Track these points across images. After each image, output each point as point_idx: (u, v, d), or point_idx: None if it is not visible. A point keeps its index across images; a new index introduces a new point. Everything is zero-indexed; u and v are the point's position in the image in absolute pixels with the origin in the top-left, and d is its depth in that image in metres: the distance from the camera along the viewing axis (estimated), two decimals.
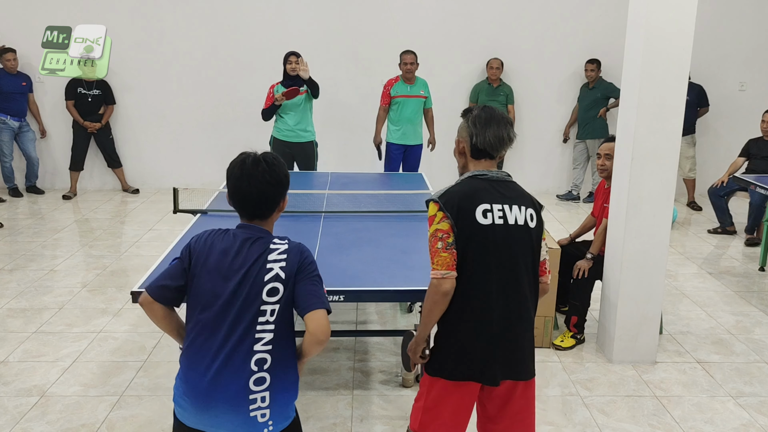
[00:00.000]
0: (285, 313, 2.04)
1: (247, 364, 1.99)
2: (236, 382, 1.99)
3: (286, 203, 2.20)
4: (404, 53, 6.60)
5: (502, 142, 2.28)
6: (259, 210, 2.13)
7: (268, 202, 2.12)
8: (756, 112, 7.36)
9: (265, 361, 2.00)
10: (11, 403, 3.40)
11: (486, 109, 2.33)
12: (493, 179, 2.27)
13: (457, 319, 2.23)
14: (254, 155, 2.13)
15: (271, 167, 2.10)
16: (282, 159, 2.19)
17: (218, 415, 2.01)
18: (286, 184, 2.16)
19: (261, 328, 2.00)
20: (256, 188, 2.09)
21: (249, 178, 2.08)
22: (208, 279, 2.06)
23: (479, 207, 2.20)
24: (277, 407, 2.03)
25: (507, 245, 2.21)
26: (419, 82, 6.68)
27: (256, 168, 2.09)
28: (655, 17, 3.59)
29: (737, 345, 4.25)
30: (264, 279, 2.02)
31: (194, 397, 2.02)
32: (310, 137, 6.20)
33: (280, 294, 2.02)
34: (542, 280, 2.34)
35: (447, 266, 2.17)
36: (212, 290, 2.04)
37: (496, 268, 2.20)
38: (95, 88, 7.62)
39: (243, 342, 2.00)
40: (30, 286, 4.99)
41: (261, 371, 2.00)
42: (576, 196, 8.11)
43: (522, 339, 2.27)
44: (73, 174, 7.86)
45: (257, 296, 2.01)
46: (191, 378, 2.03)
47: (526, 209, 2.26)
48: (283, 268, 2.03)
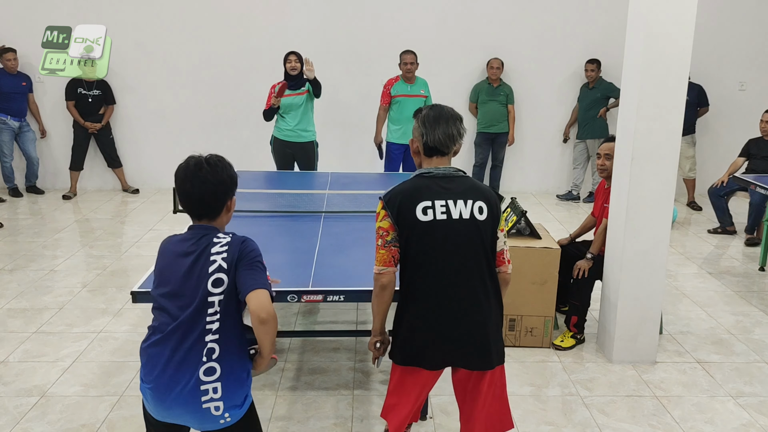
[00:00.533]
0: (230, 302, 2.10)
1: (198, 354, 2.05)
2: (188, 372, 2.05)
3: (234, 204, 2.27)
4: (404, 53, 6.62)
5: (451, 139, 2.38)
6: (204, 210, 2.20)
7: (212, 203, 2.19)
8: (756, 112, 7.36)
9: (213, 351, 2.06)
10: (11, 404, 3.40)
11: (435, 107, 2.44)
12: (438, 176, 2.36)
13: (403, 309, 2.38)
14: (198, 157, 2.20)
15: (213, 168, 2.17)
16: (219, 158, 2.24)
17: (173, 407, 2.08)
18: (230, 184, 2.22)
19: (209, 319, 2.07)
20: (198, 189, 2.15)
21: (192, 179, 2.15)
22: (162, 280, 2.17)
23: (419, 204, 2.30)
24: (229, 398, 2.09)
25: (450, 240, 2.30)
26: (419, 82, 6.69)
27: (199, 170, 2.15)
28: (655, 17, 3.59)
29: (737, 345, 4.25)
30: (208, 271, 2.09)
31: (152, 390, 2.10)
32: (310, 137, 6.20)
33: (224, 285, 2.08)
34: (501, 269, 2.42)
35: (384, 263, 2.33)
36: (166, 289, 2.14)
37: (438, 263, 2.30)
38: (95, 88, 7.62)
39: (192, 333, 2.06)
40: (30, 286, 4.99)
41: (210, 361, 2.06)
42: (576, 196, 8.11)
43: (474, 330, 2.34)
44: (73, 174, 7.87)
45: (203, 288, 2.08)
46: (149, 373, 2.11)
47: (473, 203, 2.33)
48: (225, 259, 2.10)
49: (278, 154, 6.24)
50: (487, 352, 2.36)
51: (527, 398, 3.55)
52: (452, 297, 2.31)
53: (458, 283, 2.31)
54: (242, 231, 2.29)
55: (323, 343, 4.12)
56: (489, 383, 2.40)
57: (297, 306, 4.65)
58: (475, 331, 2.33)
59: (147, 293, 2.91)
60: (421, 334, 2.34)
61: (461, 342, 2.33)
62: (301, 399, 3.50)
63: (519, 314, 4.04)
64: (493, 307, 2.38)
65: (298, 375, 3.75)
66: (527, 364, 3.93)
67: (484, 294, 2.34)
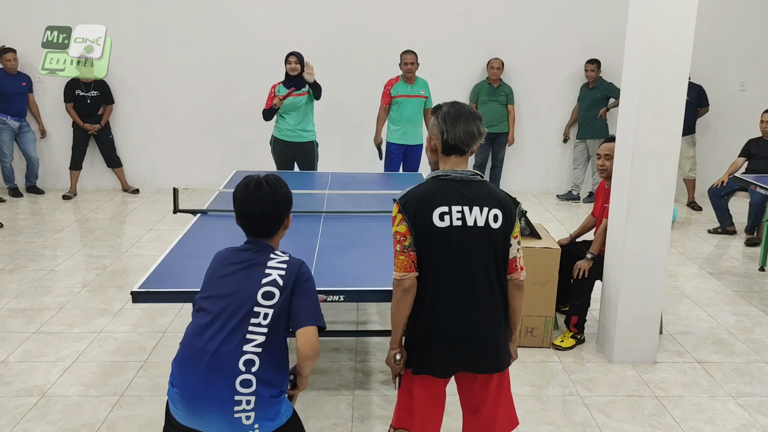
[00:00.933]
0: (278, 320, 2.11)
1: (235, 363, 2.05)
2: (223, 381, 2.04)
3: (290, 221, 2.32)
4: (404, 53, 6.60)
5: (472, 137, 2.32)
6: (264, 229, 2.25)
7: (272, 221, 2.25)
8: (756, 112, 7.36)
9: (252, 363, 2.06)
10: (11, 404, 3.40)
11: (455, 105, 2.37)
12: (456, 180, 2.31)
13: (416, 315, 2.35)
14: (257, 178, 2.25)
15: (273, 188, 2.22)
16: (277, 179, 2.28)
17: (205, 414, 2.05)
18: (289, 203, 2.28)
19: (253, 330, 2.08)
20: (259, 209, 2.21)
21: (252, 199, 2.21)
22: (210, 285, 2.21)
23: (436, 210, 2.26)
24: (261, 411, 2.07)
25: (464, 247, 2.27)
26: (420, 82, 6.66)
27: (259, 190, 2.21)
28: (655, 17, 3.58)
29: (737, 345, 4.25)
30: (261, 282, 2.12)
31: (183, 396, 2.07)
32: (310, 137, 6.20)
33: (275, 299, 2.11)
34: (513, 276, 2.38)
35: (404, 268, 2.28)
36: (211, 292, 2.17)
37: (452, 269, 2.28)
38: (93, 89, 7.61)
39: (232, 340, 2.06)
40: (30, 286, 4.99)
41: (248, 373, 2.05)
42: (576, 196, 8.11)
43: (480, 335, 2.32)
44: (73, 174, 7.86)
45: (251, 297, 2.10)
46: (182, 376, 2.09)
47: (489, 210, 2.29)
48: (282, 276, 2.14)
49: (278, 154, 6.24)
50: (498, 355, 2.36)
51: (527, 398, 3.55)
52: (463, 305, 2.30)
53: (468, 288, 2.29)
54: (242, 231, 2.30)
55: (323, 343, 4.09)
56: (497, 384, 2.40)
57: None
58: (486, 336, 2.33)
59: (147, 293, 2.92)
60: (432, 339, 2.32)
61: (472, 347, 2.32)
62: (301, 399, 3.49)
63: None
64: (501, 311, 2.38)
65: None
66: (527, 364, 3.93)
67: (493, 300, 2.34)
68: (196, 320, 2.16)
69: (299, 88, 6.02)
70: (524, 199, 7.66)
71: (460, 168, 2.34)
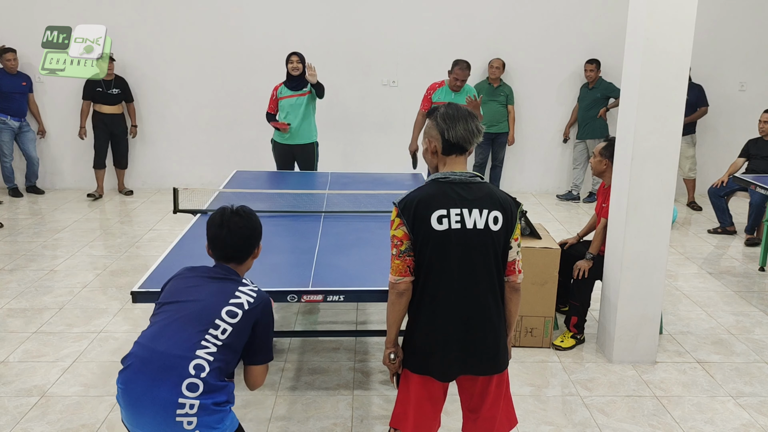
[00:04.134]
0: (235, 339, 2.19)
1: (186, 365, 2.08)
2: (170, 380, 2.07)
3: (260, 251, 2.45)
4: (457, 65, 6.00)
5: (472, 134, 2.33)
6: (237, 254, 2.37)
7: (244, 248, 2.37)
8: (756, 112, 7.36)
9: (202, 369, 2.09)
10: (11, 404, 3.40)
11: (451, 106, 2.38)
12: (456, 182, 2.30)
13: (416, 317, 2.36)
14: (231, 208, 2.40)
15: (245, 220, 2.37)
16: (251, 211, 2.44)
17: (144, 414, 2.08)
18: (259, 235, 2.42)
19: (209, 339, 2.14)
20: (233, 236, 2.34)
21: (228, 226, 2.34)
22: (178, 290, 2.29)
23: (435, 213, 2.25)
24: (205, 417, 2.08)
25: (464, 250, 2.27)
26: (465, 90, 6.08)
27: (233, 219, 2.35)
28: (655, 17, 3.58)
29: (737, 345, 4.25)
30: (228, 300, 2.22)
31: (126, 392, 2.11)
32: (312, 138, 6.19)
33: (237, 318, 2.19)
34: (510, 279, 2.38)
35: (399, 273, 2.30)
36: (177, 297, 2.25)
37: (452, 272, 2.28)
38: (114, 87, 7.56)
39: (187, 343, 2.12)
40: (30, 286, 4.99)
41: (196, 377, 2.08)
42: (576, 196, 8.11)
43: (481, 338, 2.32)
44: (98, 173, 7.76)
45: (216, 310, 2.19)
46: (130, 372, 2.12)
47: (489, 212, 2.28)
48: (249, 303, 2.23)
49: (279, 155, 6.22)
50: (497, 357, 2.36)
51: (527, 398, 3.55)
52: (464, 307, 2.30)
53: (469, 291, 2.29)
54: None
55: (323, 343, 4.12)
56: (497, 384, 2.40)
57: (297, 306, 4.65)
58: (486, 338, 2.33)
59: (147, 293, 2.92)
60: (433, 342, 2.32)
61: (473, 349, 2.32)
62: (301, 399, 3.50)
63: (519, 314, 4.02)
64: (502, 313, 2.38)
65: (298, 375, 3.75)
66: (527, 364, 3.93)
67: (494, 302, 2.34)
68: (155, 321, 2.23)
69: (300, 89, 6.01)
70: (524, 199, 7.66)
71: (460, 169, 2.34)
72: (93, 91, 7.53)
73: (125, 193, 7.96)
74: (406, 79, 8.00)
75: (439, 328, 2.31)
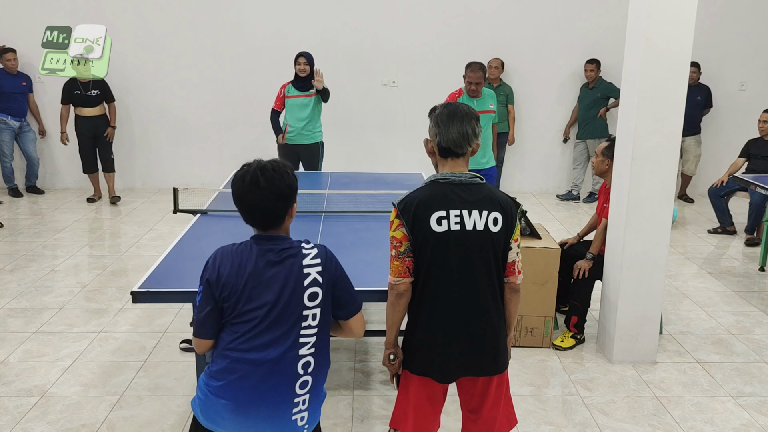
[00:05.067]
0: (326, 316, 2.13)
1: (294, 368, 2.06)
2: (283, 386, 2.05)
3: (295, 210, 2.17)
4: (470, 68, 5.32)
5: (466, 138, 2.29)
6: (268, 222, 2.11)
7: (274, 215, 2.10)
8: (756, 112, 7.35)
9: (309, 365, 2.09)
10: (11, 404, 3.40)
11: (449, 105, 2.34)
12: (455, 183, 2.29)
13: (416, 318, 2.35)
14: (253, 169, 2.08)
15: (271, 182, 2.05)
16: (286, 164, 2.15)
17: (260, 422, 2.05)
18: (290, 194, 2.11)
19: (305, 333, 2.07)
20: (258, 205, 2.07)
21: (250, 194, 2.06)
22: (245, 291, 2.05)
23: (434, 215, 2.24)
24: (312, 409, 2.12)
25: (463, 251, 2.26)
26: (486, 95, 5.51)
27: (256, 184, 2.05)
28: (655, 17, 3.58)
29: (737, 345, 4.25)
30: (303, 284, 2.07)
31: (237, 406, 2.04)
32: (317, 138, 6.22)
33: (319, 298, 2.09)
34: (510, 280, 2.36)
35: (399, 274, 2.30)
36: (251, 300, 2.05)
37: (451, 273, 2.27)
38: (93, 88, 7.30)
39: (287, 346, 2.05)
40: (30, 286, 4.99)
41: (306, 374, 2.08)
42: (576, 196, 8.11)
43: (481, 339, 2.32)
44: (91, 177, 7.59)
45: (299, 302, 2.06)
46: (235, 388, 2.04)
47: (488, 213, 2.27)
48: (320, 273, 2.10)
49: (284, 154, 6.20)
50: (497, 357, 2.36)
51: (527, 398, 3.55)
52: (464, 308, 2.29)
53: (469, 292, 2.29)
54: (243, 231, 2.26)
55: None
56: (497, 385, 2.40)
57: None
58: (486, 339, 2.32)
59: (147, 293, 2.91)
60: (433, 343, 2.32)
61: (472, 350, 2.32)
62: None
63: (519, 314, 4.03)
64: (502, 314, 2.38)
65: None
66: (527, 364, 3.93)
67: (494, 303, 2.33)
68: (237, 329, 2.05)
69: (307, 89, 6.03)
70: (524, 199, 7.66)
71: (459, 170, 2.32)
72: (71, 94, 7.26)
73: (112, 200, 7.52)
74: (406, 79, 8.01)
75: (438, 329, 2.31)
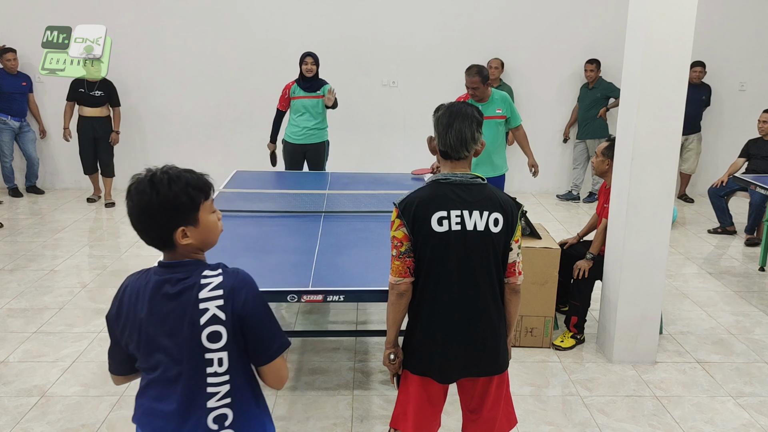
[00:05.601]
0: (237, 360, 1.72)
1: (204, 422, 1.71)
2: None
3: (196, 235, 1.75)
4: (466, 73, 4.98)
5: (464, 143, 2.28)
6: (156, 243, 1.74)
7: (153, 231, 1.73)
8: (756, 112, 7.35)
9: (225, 418, 1.72)
10: (11, 403, 3.40)
11: (452, 106, 2.33)
12: (456, 183, 2.29)
13: (416, 318, 2.35)
14: (146, 174, 1.78)
15: (156, 188, 1.75)
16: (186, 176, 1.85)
17: None
18: (176, 207, 1.73)
19: (212, 381, 1.70)
20: (135, 213, 1.73)
21: (134, 210, 1.74)
22: (141, 331, 1.74)
23: (435, 215, 2.24)
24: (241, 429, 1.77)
25: (464, 251, 2.26)
26: (495, 99, 5.11)
27: (142, 191, 1.74)
28: (655, 17, 3.58)
29: (737, 345, 4.25)
30: (200, 322, 1.67)
31: None
32: (324, 137, 6.22)
33: (223, 339, 1.68)
34: (510, 281, 2.36)
35: (400, 273, 2.29)
36: (145, 345, 1.74)
37: (452, 273, 2.26)
38: (97, 89, 7.28)
39: (193, 398, 1.71)
40: (30, 286, 4.99)
41: (223, 429, 1.72)
42: (576, 196, 8.11)
43: (481, 339, 2.32)
44: (91, 178, 7.56)
45: (198, 344, 1.68)
46: None
47: (489, 214, 2.27)
48: (221, 307, 1.68)
49: (289, 153, 6.20)
50: (497, 358, 2.36)
51: (527, 398, 3.55)
52: (464, 309, 2.29)
53: (469, 293, 2.29)
54: (243, 231, 2.25)
55: (323, 343, 4.12)
56: (497, 385, 2.40)
57: (297, 306, 4.65)
58: (486, 339, 2.32)
59: None
60: (433, 343, 2.32)
61: (473, 351, 2.32)
62: (301, 399, 3.50)
63: (519, 314, 4.03)
64: (502, 314, 2.38)
65: (298, 375, 3.75)
66: (527, 364, 3.93)
67: (494, 303, 2.33)
68: (145, 375, 1.78)
69: (314, 90, 6.03)
70: (524, 199, 7.66)
71: (461, 171, 2.32)
72: (76, 92, 7.27)
73: (107, 205, 7.38)
74: (406, 79, 8.01)
75: (439, 329, 2.31)
